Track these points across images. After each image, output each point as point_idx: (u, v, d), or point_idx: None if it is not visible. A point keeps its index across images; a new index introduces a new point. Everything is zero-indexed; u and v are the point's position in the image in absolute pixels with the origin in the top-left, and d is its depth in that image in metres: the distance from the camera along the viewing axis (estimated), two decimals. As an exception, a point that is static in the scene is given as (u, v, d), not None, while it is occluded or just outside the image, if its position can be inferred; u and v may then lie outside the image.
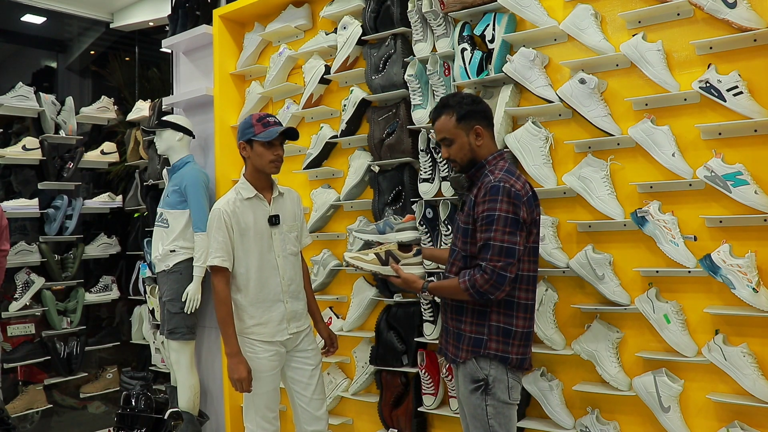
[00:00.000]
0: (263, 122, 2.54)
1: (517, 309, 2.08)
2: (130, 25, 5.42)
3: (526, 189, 2.05)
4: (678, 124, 2.36)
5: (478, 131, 2.15)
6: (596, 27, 2.47)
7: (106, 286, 4.55)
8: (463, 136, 2.16)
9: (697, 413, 2.32)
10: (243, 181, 2.61)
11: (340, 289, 3.38)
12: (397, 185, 3.03)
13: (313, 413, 2.68)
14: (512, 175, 2.06)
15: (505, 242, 1.97)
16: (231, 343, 2.49)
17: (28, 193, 4.20)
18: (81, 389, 4.42)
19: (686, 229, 2.33)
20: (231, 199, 2.56)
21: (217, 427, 3.79)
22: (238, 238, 2.54)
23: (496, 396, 2.06)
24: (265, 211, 2.60)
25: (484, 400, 2.07)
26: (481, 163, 2.17)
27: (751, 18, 2.16)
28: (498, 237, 1.98)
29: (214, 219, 2.53)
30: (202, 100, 3.89)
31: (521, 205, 2.00)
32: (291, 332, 2.61)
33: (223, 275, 2.53)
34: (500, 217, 1.98)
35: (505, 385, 2.07)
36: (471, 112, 2.15)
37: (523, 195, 2.02)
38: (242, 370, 2.47)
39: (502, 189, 2.00)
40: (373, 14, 3.11)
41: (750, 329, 2.21)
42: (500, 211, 1.99)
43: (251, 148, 2.55)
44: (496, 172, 2.08)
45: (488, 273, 1.97)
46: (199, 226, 3.45)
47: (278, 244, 2.61)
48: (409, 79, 2.91)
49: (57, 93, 4.57)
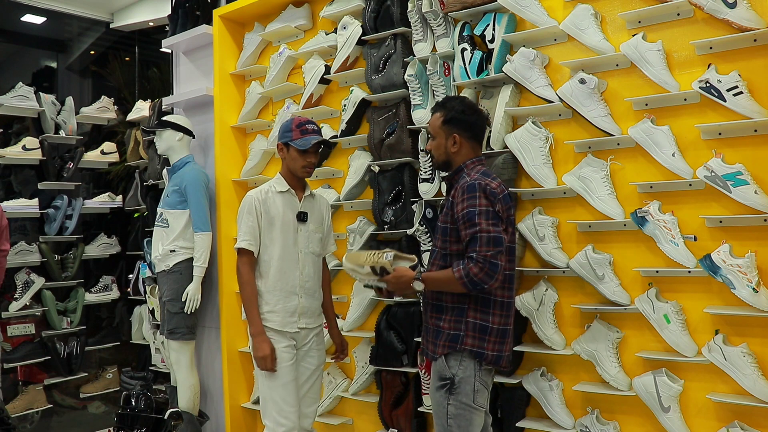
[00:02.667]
0: (302, 129, 2.61)
1: (493, 306, 2.15)
2: (130, 25, 5.42)
3: (501, 188, 2.16)
4: (678, 124, 2.36)
5: (456, 139, 2.24)
6: (596, 27, 2.47)
7: (106, 286, 4.55)
8: (443, 137, 2.26)
9: (697, 413, 2.32)
10: (278, 177, 2.71)
11: (340, 289, 3.38)
12: (397, 185, 3.03)
13: (303, 409, 2.72)
14: (487, 176, 2.17)
15: (492, 232, 2.05)
16: (256, 323, 2.57)
17: (28, 193, 4.20)
18: (81, 389, 4.41)
19: (686, 229, 2.33)
20: (264, 189, 2.67)
21: (217, 427, 3.79)
22: (266, 226, 2.62)
23: (459, 397, 2.10)
24: (295, 207, 2.67)
25: (446, 399, 2.12)
26: (459, 167, 2.26)
27: (751, 18, 2.16)
28: (484, 228, 2.05)
29: (246, 204, 2.63)
30: (202, 100, 3.89)
31: (497, 202, 2.10)
32: (300, 326, 2.65)
33: (249, 258, 2.61)
34: (481, 211, 2.07)
35: (471, 387, 2.11)
36: (456, 119, 2.24)
37: (498, 193, 2.12)
38: (266, 347, 2.53)
39: (478, 186, 2.10)
40: (373, 14, 3.11)
41: (750, 329, 2.21)
42: (480, 206, 2.08)
43: (287, 151, 2.64)
44: (472, 174, 2.18)
45: (481, 261, 2.03)
46: (199, 226, 3.45)
47: (302, 240, 2.67)
48: (409, 79, 2.91)
49: (57, 93, 4.57)
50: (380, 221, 3.07)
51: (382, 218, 3.06)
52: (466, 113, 2.25)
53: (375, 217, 3.10)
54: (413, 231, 2.89)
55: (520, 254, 2.70)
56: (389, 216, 3.03)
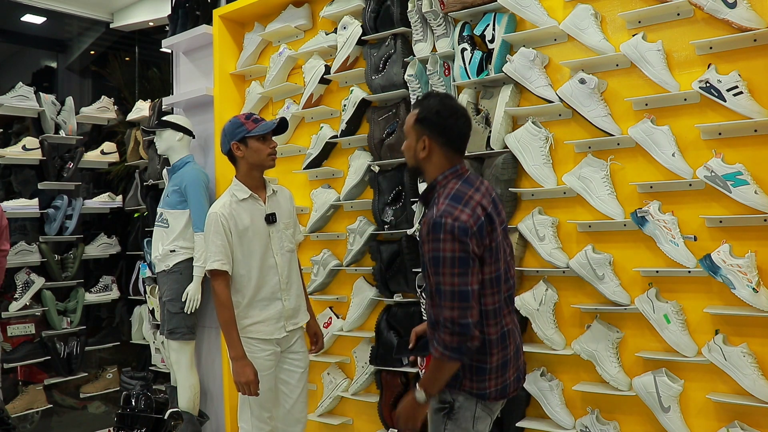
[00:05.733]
0: (252, 119, 2.59)
1: (489, 346, 1.91)
2: (130, 25, 5.41)
3: (476, 216, 1.82)
4: (678, 124, 2.36)
5: (426, 143, 1.92)
6: (596, 27, 2.47)
7: (106, 286, 4.55)
8: (413, 138, 1.96)
9: (697, 413, 2.32)
10: (236, 183, 2.62)
11: (340, 289, 3.37)
12: (397, 185, 3.03)
13: (296, 415, 2.73)
14: (458, 203, 1.83)
15: (456, 285, 1.78)
16: (236, 347, 2.48)
17: (28, 193, 4.20)
18: (81, 389, 4.42)
19: (686, 229, 2.33)
20: (226, 202, 2.57)
21: (217, 427, 3.79)
22: (237, 240, 2.55)
23: (457, 422, 1.93)
24: (261, 211, 2.61)
25: (444, 423, 1.95)
26: (432, 184, 1.96)
27: (751, 18, 2.16)
28: (448, 281, 1.78)
29: (212, 223, 2.53)
30: (202, 100, 3.89)
31: (469, 240, 1.78)
32: (288, 329, 2.64)
33: (224, 279, 2.53)
34: (445, 258, 1.78)
35: (471, 414, 1.93)
36: (428, 120, 1.92)
37: (471, 226, 1.79)
38: (249, 372, 2.46)
39: (443, 226, 1.78)
40: (373, 14, 3.11)
41: (750, 329, 2.21)
42: (444, 251, 1.78)
43: (246, 147, 2.57)
44: (441, 200, 1.86)
45: (449, 327, 1.79)
46: (199, 226, 3.45)
47: (276, 242, 2.63)
48: (409, 79, 2.91)
49: (57, 93, 4.57)
50: (380, 221, 3.07)
51: (382, 218, 3.06)
52: (441, 115, 1.90)
53: (375, 217, 3.10)
54: (413, 231, 2.89)
55: (520, 254, 2.70)
56: (389, 216, 3.03)
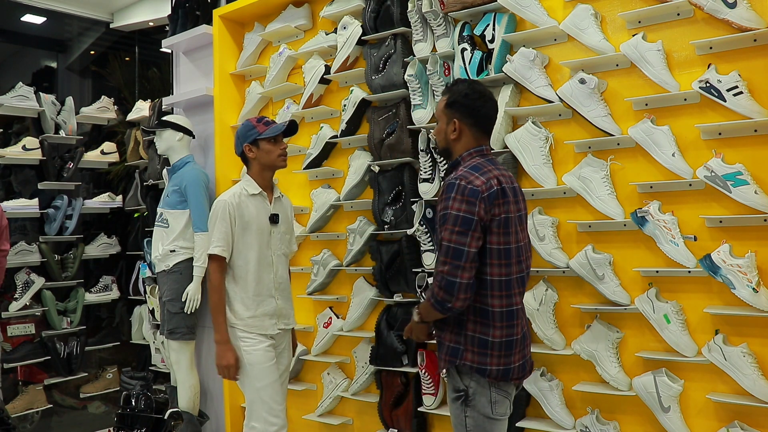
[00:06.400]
0: (264, 122, 2.68)
1: (492, 318, 1.95)
2: (130, 25, 5.42)
3: (489, 185, 1.93)
4: (678, 124, 2.36)
5: (456, 125, 2.07)
6: (596, 27, 2.47)
7: (106, 286, 4.55)
8: (444, 121, 2.11)
9: (697, 413, 2.32)
10: (248, 179, 2.70)
11: (340, 289, 3.38)
12: (397, 185, 3.03)
13: None
14: (476, 171, 1.96)
15: (452, 242, 1.88)
16: (221, 330, 2.58)
17: (28, 193, 4.20)
18: (81, 389, 4.41)
19: (686, 229, 2.33)
20: (236, 192, 2.65)
21: (217, 427, 3.79)
22: (240, 231, 2.62)
23: (476, 408, 1.97)
24: (267, 209, 2.69)
25: (463, 411, 1.99)
26: (456, 160, 2.10)
27: (751, 18, 2.16)
28: (446, 237, 1.90)
29: (219, 209, 2.61)
30: (202, 100, 3.89)
31: (478, 202, 1.89)
32: (280, 328, 2.70)
33: (220, 264, 2.61)
34: (450, 215, 1.90)
35: (488, 399, 1.96)
36: (458, 104, 2.07)
37: (483, 191, 1.90)
38: (230, 356, 2.56)
39: (456, 186, 1.92)
40: (373, 14, 3.11)
41: (750, 329, 2.21)
42: (452, 209, 1.90)
43: (258, 148, 2.65)
44: (461, 169, 2.00)
45: (438, 278, 1.88)
46: (199, 226, 3.45)
47: (275, 242, 2.71)
48: (409, 79, 2.91)
49: (57, 93, 4.57)
50: (380, 221, 3.07)
51: (382, 218, 3.06)
52: (470, 97, 2.06)
53: (375, 217, 3.10)
54: (413, 231, 2.89)
55: (520, 254, 2.70)
56: (389, 216, 3.03)
